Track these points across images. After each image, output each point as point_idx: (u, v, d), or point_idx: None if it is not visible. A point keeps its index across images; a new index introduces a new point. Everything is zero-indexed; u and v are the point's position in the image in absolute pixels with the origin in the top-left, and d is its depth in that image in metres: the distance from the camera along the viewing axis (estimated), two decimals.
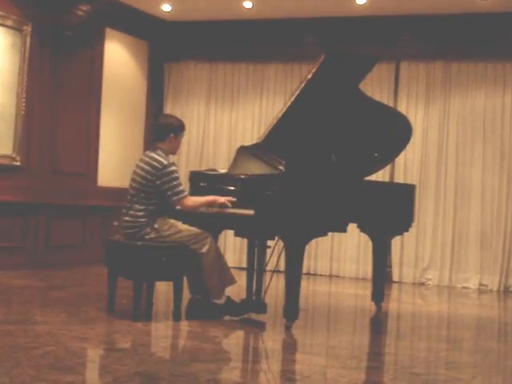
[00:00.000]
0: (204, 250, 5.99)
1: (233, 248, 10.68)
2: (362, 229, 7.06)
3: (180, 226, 6.06)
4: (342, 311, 7.47)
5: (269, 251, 6.35)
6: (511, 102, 9.75)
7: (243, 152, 6.51)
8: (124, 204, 6.16)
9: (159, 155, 6.01)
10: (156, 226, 5.96)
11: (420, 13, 9.83)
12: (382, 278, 7.23)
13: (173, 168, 5.96)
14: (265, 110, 10.85)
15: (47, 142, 9.37)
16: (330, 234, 6.16)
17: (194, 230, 6.05)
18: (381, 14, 9.94)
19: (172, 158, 6.11)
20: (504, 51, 9.72)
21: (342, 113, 6.57)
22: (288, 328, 5.81)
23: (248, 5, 9.95)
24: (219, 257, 6.14)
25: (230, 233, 7.04)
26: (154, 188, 5.97)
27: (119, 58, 10.58)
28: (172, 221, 6.08)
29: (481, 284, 9.75)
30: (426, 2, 9.40)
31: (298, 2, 9.67)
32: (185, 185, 6.19)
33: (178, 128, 6.13)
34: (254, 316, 6.30)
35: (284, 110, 6.42)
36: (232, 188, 6.13)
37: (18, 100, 8.91)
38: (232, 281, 6.18)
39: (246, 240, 6.67)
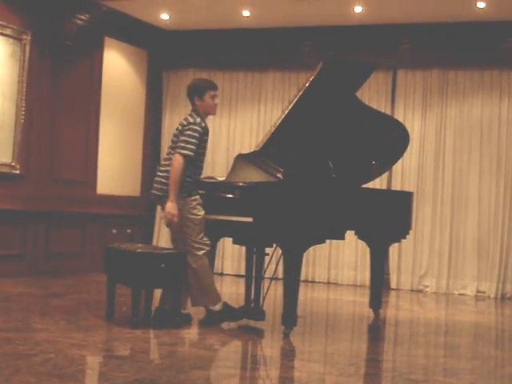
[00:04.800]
0: (195, 265, 6.02)
1: (231, 255, 10.70)
2: (360, 236, 7.07)
3: (200, 217, 6.06)
4: (340, 318, 7.50)
5: (267, 258, 6.38)
6: (508, 110, 9.80)
7: (241, 160, 6.54)
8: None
9: (190, 115, 6.11)
10: (185, 194, 6.02)
11: (417, 21, 9.87)
12: (379, 285, 7.24)
13: (194, 127, 6.02)
14: (263, 117, 10.89)
15: (46, 150, 9.41)
16: (327, 241, 6.19)
17: (202, 234, 6.07)
18: (378, 22, 9.99)
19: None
20: (500, 59, 9.78)
21: (340, 120, 6.61)
22: (286, 335, 5.82)
23: (246, 13, 10.00)
24: (207, 276, 6.10)
25: (229, 240, 7.05)
26: None
27: (118, 67, 10.62)
28: (199, 202, 6.10)
29: (478, 291, 9.78)
30: (422, 10, 9.45)
31: (296, 11, 9.71)
32: None
33: (199, 90, 6.19)
34: (252, 323, 6.32)
35: (282, 117, 6.44)
36: (230, 196, 6.16)
37: (17, 108, 8.95)
38: (216, 300, 6.14)
39: (244, 247, 6.69)
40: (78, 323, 6.00)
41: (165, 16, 10.42)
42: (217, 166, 10.85)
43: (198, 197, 6.10)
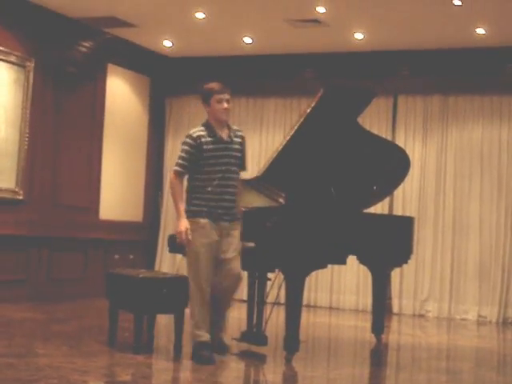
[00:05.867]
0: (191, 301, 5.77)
1: None
2: (362, 261, 7.08)
3: (195, 248, 5.69)
4: (343, 343, 7.50)
5: (269, 283, 6.39)
6: (508, 135, 9.85)
7: (244, 185, 6.57)
8: None
9: (196, 127, 5.89)
10: (190, 216, 5.68)
11: (417, 47, 9.96)
12: (381, 310, 7.24)
13: (184, 140, 5.78)
14: (265, 143, 10.95)
15: (50, 175, 9.46)
16: (329, 266, 6.20)
17: (196, 269, 5.73)
18: (378, 48, 10.08)
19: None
20: (500, 85, 9.85)
21: (341, 146, 6.64)
22: (288, 360, 5.82)
23: (248, 40, 10.09)
24: (192, 305, 5.77)
25: None
26: None
27: (121, 94, 10.70)
28: (202, 227, 5.71)
29: (480, 315, 9.77)
30: (422, 36, 9.53)
31: (297, 38, 9.80)
32: None
33: (205, 95, 5.84)
34: (254, 348, 6.31)
35: (284, 143, 6.47)
36: None
37: (21, 135, 9.01)
38: (192, 335, 5.77)
39: (246, 272, 6.70)
40: (80, 348, 6.00)
41: (167, 43, 10.52)
42: None
43: (204, 221, 5.71)
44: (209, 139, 5.75)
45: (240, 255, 5.89)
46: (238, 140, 5.94)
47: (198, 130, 5.79)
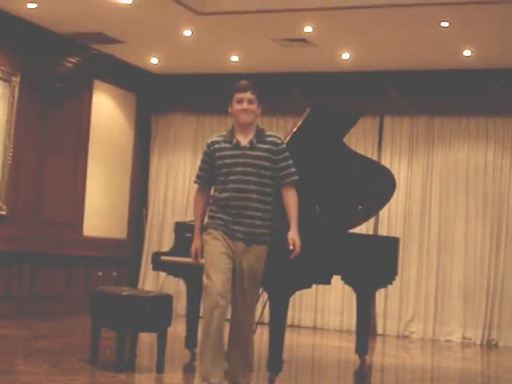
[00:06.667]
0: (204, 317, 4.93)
1: None
2: (346, 281, 7.08)
3: (207, 255, 4.97)
4: (326, 364, 7.46)
5: None
6: (493, 156, 9.89)
7: None
8: None
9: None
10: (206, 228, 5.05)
11: (404, 68, 10.01)
12: (366, 331, 7.23)
13: (204, 150, 5.17)
14: None
15: (33, 191, 9.40)
16: (314, 285, 6.18)
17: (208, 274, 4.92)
18: (365, 69, 10.12)
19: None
20: (486, 106, 9.90)
21: (327, 166, 6.64)
22: (272, 381, 5.78)
23: (235, 58, 10.11)
24: (202, 341, 4.92)
25: None
26: None
27: (107, 110, 10.67)
28: (211, 236, 5.00)
29: (464, 337, 9.76)
30: (409, 57, 9.58)
31: (284, 57, 9.83)
32: (170, 235, 6.11)
33: (229, 96, 5.27)
34: None
35: None
36: None
37: (5, 149, 8.96)
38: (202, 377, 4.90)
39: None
40: (62, 366, 5.94)
41: (154, 60, 10.52)
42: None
43: (216, 232, 4.97)
44: (224, 145, 5.06)
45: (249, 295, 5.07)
46: (267, 147, 5.07)
47: (216, 136, 5.19)
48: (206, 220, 5.14)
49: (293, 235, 5.04)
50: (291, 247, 5.01)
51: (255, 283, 5.05)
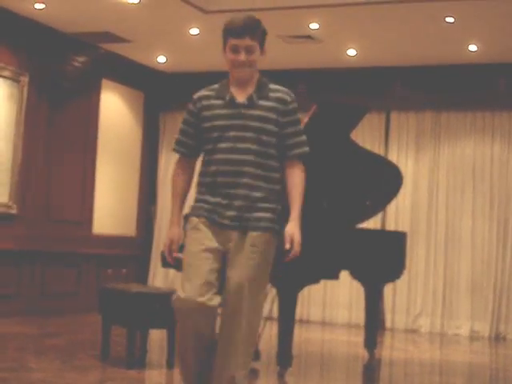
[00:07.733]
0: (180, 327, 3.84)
1: None
2: (354, 276, 7.10)
3: (186, 254, 3.79)
4: (335, 358, 7.50)
5: None
6: (500, 151, 9.91)
7: None
8: None
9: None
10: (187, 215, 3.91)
11: (410, 64, 10.03)
12: (374, 325, 7.25)
13: (187, 107, 4.09)
14: None
15: (43, 190, 9.47)
16: (322, 281, 6.22)
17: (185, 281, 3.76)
18: (371, 65, 10.15)
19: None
20: (492, 101, 9.92)
21: (334, 162, 6.68)
22: (281, 375, 5.83)
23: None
24: (179, 341, 3.88)
25: None
26: None
27: (115, 109, 10.73)
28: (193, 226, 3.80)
29: (472, 331, 9.79)
30: (415, 53, 9.61)
31: (290, 53, 9.86)
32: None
33: (222, 38, 4.01)
34: None
35: None
36: None
37: (15, 149, 9.02)
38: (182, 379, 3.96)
39: None
40: (73, 363, 5.99)
41: (161, 59, 10.57)
42: None
43: (197, 220, 3.78)
44: (214, 102, 3.94)
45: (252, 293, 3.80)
46: (271, 104, 3.81)
47: (205, 89, 4.08)
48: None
49: (292, 229, 3.76)
50: (288, 246, 3.74)
51: (255, 283, 3.79)
